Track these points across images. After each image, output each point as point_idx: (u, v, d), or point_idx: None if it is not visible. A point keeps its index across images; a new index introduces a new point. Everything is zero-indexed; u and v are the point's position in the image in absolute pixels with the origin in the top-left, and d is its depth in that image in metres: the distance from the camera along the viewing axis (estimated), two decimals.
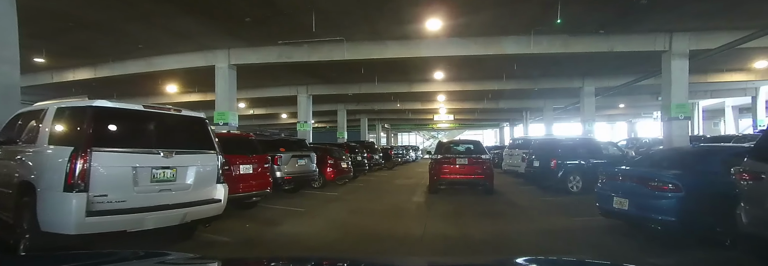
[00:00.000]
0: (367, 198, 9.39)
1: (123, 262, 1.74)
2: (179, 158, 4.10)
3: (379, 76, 17.11)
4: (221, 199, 4.40)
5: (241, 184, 6.41)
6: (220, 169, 4.49)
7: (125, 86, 19.55)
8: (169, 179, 4.01)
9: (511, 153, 13.39)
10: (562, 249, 4.76)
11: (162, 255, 1.78)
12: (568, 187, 9.71)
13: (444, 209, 7.71)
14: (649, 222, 4.92)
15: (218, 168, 4.47)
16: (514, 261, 1.85)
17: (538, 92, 21.63)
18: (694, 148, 5.95)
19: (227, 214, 6.50)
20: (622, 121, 41.69)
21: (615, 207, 5.28)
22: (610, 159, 10.39)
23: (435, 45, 11.60)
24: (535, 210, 7.59)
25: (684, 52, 11.20)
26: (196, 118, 4.55)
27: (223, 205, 4.42)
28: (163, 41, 12.07)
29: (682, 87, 11.32)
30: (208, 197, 4.35)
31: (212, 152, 4.48)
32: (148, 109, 4.05)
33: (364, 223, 6.38)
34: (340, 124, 25.84)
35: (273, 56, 12.50)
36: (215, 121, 13.02)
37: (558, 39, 11.13)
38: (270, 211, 7.14)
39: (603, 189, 5.68)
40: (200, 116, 4.58)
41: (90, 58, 14.22)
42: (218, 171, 4.47)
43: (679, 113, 11.32)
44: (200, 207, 4.16)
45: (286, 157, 8.58)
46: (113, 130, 3.90)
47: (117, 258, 1.80)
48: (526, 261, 1.87)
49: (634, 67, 15.46)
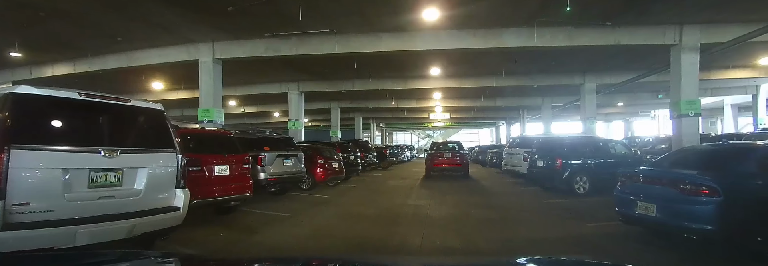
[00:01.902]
0: (359, 201, 8.68)
1: (122, 262, 1.70)
2: (126, 158, 3.39)
3: (373, 72, 16.42)
4: (180, 207, 3.69)
5: (217, 187, 5.71)
6: (181, 171, 3.77)
7: (109, 83, 18.76)
8: (112, 183, 3.30)
9: (512, 152, 12.75)
10: None
11: (159, 255, 1.79)
12: (575, 188, 9.09)
13: (444, 214, 7.04)
14: (681, 230, 4.27)
15: (178, 170, 3.75)
16: (514, 261, 1.78)
17: (536, 90, 21.10)
18: (725, 146, 5.31)
19: (201, 221, 5.84)
20: (618, 120, 41.28)
21: (639, 213, 4.63)
22: (618, 159, 9.80)
23: (431, 37, 10.92)
24: (542, 215, 6.91)
25: (695, 46, 10.61)
26: (151, 110, 3.81)
27: (182, 214, 3.71)
28: (143, 34, 11.34)
29: (692, 82, 10.75)
30: (163, 205, 3.64)
31: (170, 151, 3.76)
32: (87, 98, 3.31)
33: (354, 231, 5.68)
34: (334, 122, 25.13)
35: (260, 50, 11.77)
36: (199, 118, 12.31)
37: (562, 31, 10.49)
38: (250, 216, 6.44)
39: (624, 193, 5.03)
40: (156, 108, 3.85)
41: (67, 52, 13.47)
42: (178, 173, 3.75)
43: (689, 110, 10.74)
44: (153, 218, 3.45)
45: (270, 157, 7.87)
46: (40, 123, 3.16)
47: (114, 258, 1.77)
48: (526, 261, 1.79)
49: (636, 64, 14.94)
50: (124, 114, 3.58)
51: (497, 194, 9.88)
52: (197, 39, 11.87)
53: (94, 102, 3.33)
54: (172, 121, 4.17)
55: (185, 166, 3.86)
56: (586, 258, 2.74)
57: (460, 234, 5.42)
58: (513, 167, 12.35)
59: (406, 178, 14.65)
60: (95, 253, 2.27)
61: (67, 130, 3.27)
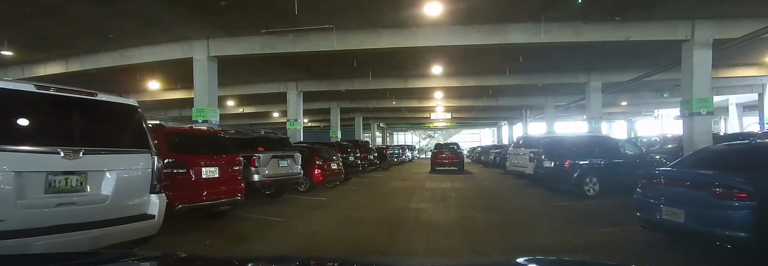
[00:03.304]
0: (359, 204, 8.26)
1: (120, 262, 1.72)
2: (91, 159, 2.98)
3: (373, 71, 16.01)
4: (155, 215, 3.28)
5: (205, 191, 5.30)
6: (156, 174, 3.36)
7: (103, 83, 18.39)
8: (74, 189, 2.89)
9: (517, 152, 12.31)
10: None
11: (159, 255, 1.79)
12: (584, 190, 8.68)
13: (448, 218, 6.63)
14: (713, 238, 3.86)
15: (153, 173, 3.34)
16: (514, 261, 1.74)
17: (539, 89, 20.71)
18: (755, 146, 4.90)
19: (187, 226, 5.44)
20: (621, 119, 40.81)
21: (664, 219, 4.22)
22: (629, 159, 9.42)
23: (433, 34, 10.52)
24: (553, 219, 6.48)
25: (707, 41, 10.22)
26: (123, 106, 3.38)
27: (157, 223, 3.30)
28: (135, 31, 10.95)
29: (704, 80, 10.38)
30: (135, 212, 3.23)
31: (144, 151, 3.35)
32: (44, 91, 2.89)
33: (353, 237, 5.26)
34: (334, 122, 24.72)
35: (256, 47, 11.37)
36: (194, 118, 11.92)
37: (569, 27, 10.08)
38: (242, 222, 6.03)
39: (646, 196, 4.62)
40: (129, 103, 3.43)
41: (59, 51, 13.09)
42: (153, 177, 3.34)
43: (701, 108, 10.36)
44: (123, 227, 3.04)
45: (265, 158, 7.46)
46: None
47: (113, 258, 1.80)
48: (526, 261, 1.75)
49: (642, 62, 14.56)
50: (90, 109, 3.15)
51: (502, 196, 9.48)
52: (191, 36, 11.48)
53: (53, 95, 2.90)
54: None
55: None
56: (587, 259, 2.63)
57: (467, 241, 5.01)
58: (518, 168, 11.92)
59: (408, 179, 14.25)
60: (94, 253, 2.23)
61: (21, 127, 2.84)
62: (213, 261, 1.97)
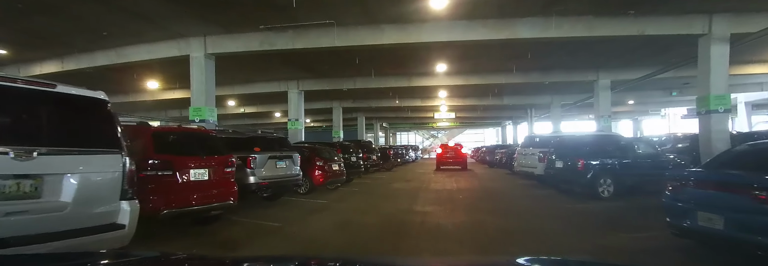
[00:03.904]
0: (361, 207, 7.84)
1: (119, 262, 1.70)
2: (48, 161, 2.57)
3: (375, 69, 15.61)
4: (126, 224, 2.88)
5: (193, 195, 4.89)
6: (128, 178, 2.95)
7: (102, 83, 17.97)
8: (27, 195, 2.49)
9: (526, 152, 11.84)
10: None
11: (158, 255, 1.77)
12: (598, 192, 8.23)
13: (457, 222, 6.20)
14: (755, 247, 3.43)
15: (124, 176, 2.94)
16: (514, 261, 1.61)
17: (545, 88, 20.25)
18: None
19: (175, 233, 5.05)
20: (626, 118, 40.20)
21: (700, 225, 3.79)
22: (644, 159, 8.98)
23: (437, 29, 10.09)
24: (571, 224, 6.00)
25: (725, 36, 9.78)
26: (88, 99, 2.96)
27: (128, 233, 2.89)
28: (130, 28, 10.62)
29: (721, 76, 9.95)
30: (101, 222, 2.81)
31: (114, 152, 2.94)
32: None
33: (354, 244, 4.81)
34: (336, 122, 24.32)
35: (254, 44, 10.98)
36: (191, 117, 11.55)
37: (580, 21, 9.65)
38: (235, 227, 5.63)
39: (676, 200, 4.18)
40: (95, 96, 3.00)
41: (54, 49, 12.80)
42: (123, 181, 2.93)
43: (718, 106, 9.92)
44: (86, 239, 2.62)
45: (261, 159, 7.05)
46: None
47: (112, 258, 1.79)
48: (526, 261, 1.64)
49: (653, 59, 14.09)
50: (49, 103, 2.74)
51: (511, 198, 9.05)
52: (187, 33, 11.13)
53: (2, 87, 2.50)
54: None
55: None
56: (587, 258, 2.59)
57: (480, 250, 4.56)
58: (527, 168, 11.46)
59: (412, 180, 13.83)
60: (92, 253, 2.18)
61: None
62: (212, 261, 1.94)
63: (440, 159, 19.88)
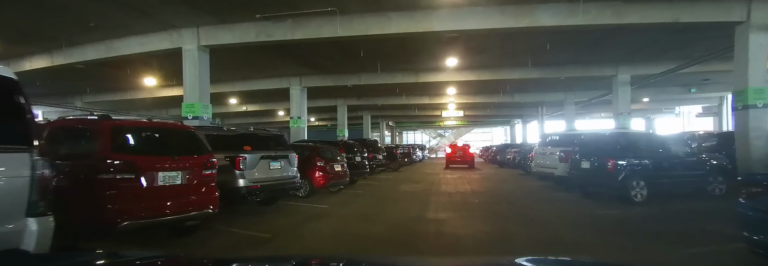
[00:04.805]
0: (365, 214, 6.97)
1: (119, 262, 1.64)
2: None
3: (381, 64, 14.75)
4: (30, 249, 2.06)
5: (163, 202, 4.06)
6: (38, 186, 2.13)
7: (96, 80, 17.49)
8: None
9: (544, 151, 10.93)
10: None
11: (158, 255, 1.71)
12: (631, 196, 7.34)
13: (475, 231, 5.36)
14: None
15: (33, 183, 2.12)
16: (514, 261, 1.60)
17: (559, 85, 19.40)
18: None
19: (146, 245, 4.25)
20: (639, 117, 39.02)
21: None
22: (680, 159, 8.07)
23: (450, 16, 9.20)
24: (611, 235, 5.10)
25: (764, 24, 8.84)
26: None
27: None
28: (118, 18, 9.90)
29: (760, 67, 8.99)
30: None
31: (18, 150, 2.12)
32: None
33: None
34: (341, 120, 23.48)
35: (251, 35, 10.17)
36: (183, 114, 10.76)
37: (609, 7, 8.73)
38: (217, 239, 4.79)
39: (758, 211, 3.30)
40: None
41: (42, 43, 12.16)
42: (32, 190, 2.12)
43: (757, 100, 8.98)
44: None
45: (252, 159, 6.21)
46: None
47: (110, 258, 1.71)
48: (526, 261, 1.61)
49: (673, 53, 13.25)
50: None
51: (533, 203, 8.15)
52: (179, 24, 10.36)
53: None
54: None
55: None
56: (587, 258, 2.64)
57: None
58: (545, 169, 10.56)
59: (420, 182, 12.97)
60: (90, 253, 2.04)
61: None
62: (212, 261, 1.86)
63: (450, 158, 21.35)
